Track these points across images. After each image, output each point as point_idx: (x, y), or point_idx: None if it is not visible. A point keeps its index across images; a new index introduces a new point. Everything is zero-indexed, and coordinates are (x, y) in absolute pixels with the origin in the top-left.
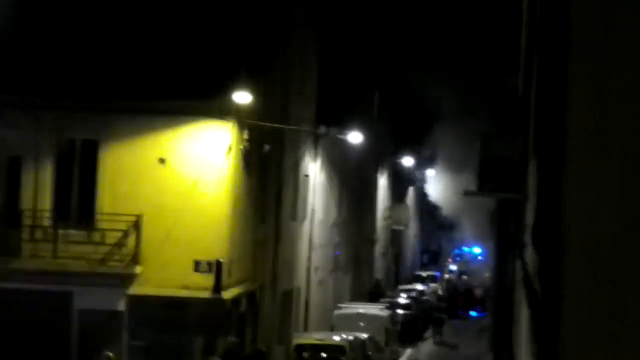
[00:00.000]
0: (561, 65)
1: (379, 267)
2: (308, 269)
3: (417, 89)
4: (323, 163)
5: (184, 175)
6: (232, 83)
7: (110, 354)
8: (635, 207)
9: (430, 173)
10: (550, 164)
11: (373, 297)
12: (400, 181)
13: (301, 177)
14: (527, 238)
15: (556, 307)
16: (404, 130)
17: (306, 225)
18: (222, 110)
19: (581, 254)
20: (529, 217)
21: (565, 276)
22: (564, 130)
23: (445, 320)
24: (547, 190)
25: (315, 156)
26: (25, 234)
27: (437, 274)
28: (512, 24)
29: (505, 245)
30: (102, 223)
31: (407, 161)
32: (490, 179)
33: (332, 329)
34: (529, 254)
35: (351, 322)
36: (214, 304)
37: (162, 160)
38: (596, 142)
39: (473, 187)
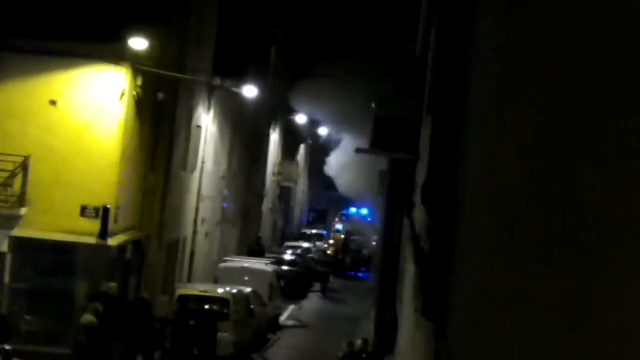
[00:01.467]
0: (463, 25)
1: (267, 223)
2: (195, 220)
3: (315, 47)
4: (216, 115)
5: (75, 118)
6: (128, 28)
7: None
8: (531, 163)
9: (322, 131)
10: (445, 123)
11: (254, 254)
12: (292, 138)
13: (193, 128)
14: (417, 197)
15: (444, 262)
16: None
17: (195, 176)
18: (116, 54)
19: (472, 210)
20: (420, 177)
21: (455, 233)
22: (461, 90)
23: (331, 279)
24: (440, 148)
25: (209, 107)
26: None
27: (324, 232)
28: None
29: (393, 205)
30: None
31: (300, 118)
32: (384, 138)
33: (216, 281)
34: (418, 213)
35: (236, 275)
36: (99, 250)
37: (53, 102)
38: (493, 101)
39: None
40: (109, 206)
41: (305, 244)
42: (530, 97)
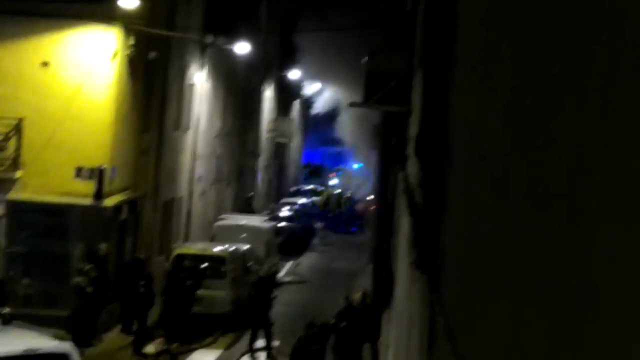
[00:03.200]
0: None
1: (262, 180)
2: (190, 180)
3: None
4: (209, 73)
5: (68, 80)
6: None
7: None
8: (519, 115)
9: (316, 87)
10: (435, 76)
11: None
12: (286, 94)
13: (186, 87)
14: (410, 150)
15: (437, 215)
16: (291, 43)
17: (190, 135)
18: (107, 14)
19: (462, 162)
20: (413, 130)
21: (447, 185)
22: (451, 42)
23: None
24: (431, 101)
25: (202, 65)
26: None
27: (319, 188)
28: None
29: (387, 159)
30: None
31: (294, 74)
32: (376, 92)
33: (213, 239)
34: (411, 166)
35: (232, 233)
36: (95, 211)
37: (45, 64)
38: (483, 54)
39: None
40: (103, 167)
41: (302, 200)
42: (514, 51)
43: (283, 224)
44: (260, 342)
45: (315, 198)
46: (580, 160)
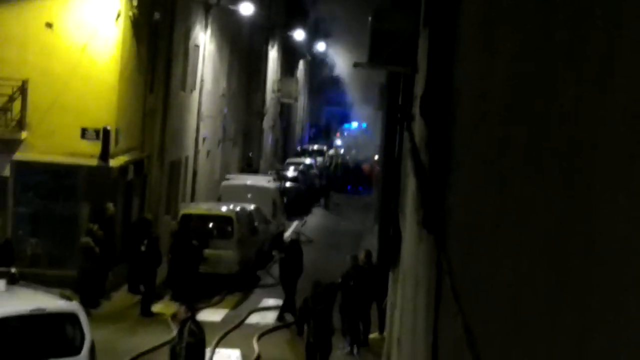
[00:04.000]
0: None
1: (267, 140)
2: (196, 140)
3: None
4: (213, 34)
5: (72, 41)
6: None
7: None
8: (524, 76)
9: (321, 47)
10: (441, 35)
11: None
12: (291, 55)
13: (191, 47)
14: (416, 110)
15: (443, 175)
16: (296, 3)
17: (195, 96)
18: None
19: (469, 121)
20: (418, 90)
21: (453, 144)
22: (457, 1)
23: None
24: (436, 62)
25: (206, 26)
26: None
27: (325, 148)
28: None
29: (393, 119)
30: None
31: (299, 34)
32: (381, 52)
33: (220, 199)
34: (417, 126)
35: (238, 193)
36: (101, 171)
37: (49, 25)
38: (487, 15)
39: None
40: (109, 128)
41: (307, 160)
42: (519, 12)
43: (289, 184)
44: (272, 301)
45: (320, 158)
46: (579, 122)
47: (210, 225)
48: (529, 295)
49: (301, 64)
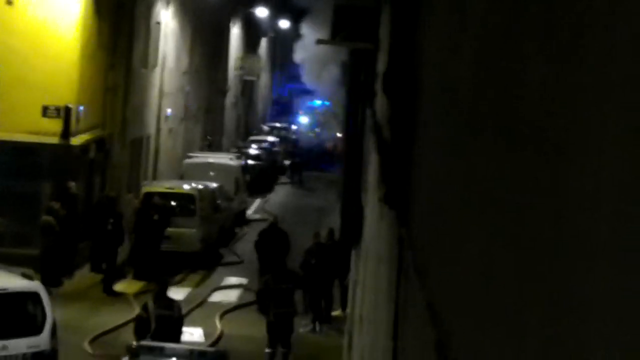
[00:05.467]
0: None
1: (230, 117)
2: (158, 117)
3: None
4: (175, 11)
5: (33, 18)
6: None
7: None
8: (488, 51)
9: (283, 24)
10: (403, 10)
11: None
12: (254, 32)
13: (153, 25)
14: (378, 86)
15: (406, 151)
16: None
17: (157, 73)
18: None
19: (432, 98)
20: (381, 66)
21: (416, 121)
22: None
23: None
24: (399, 38)
25: (168, 3)
26: None
27: (288, 126)
28: None
29: (356, 96)
30: None
31: (261, 11)
32: (344, 28)
33: (182, 177)
34: (379, 102)
35: (201, 171)
36: (63, 149)
37: (9, 2)
38: None
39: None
40: (70, 105)
41: (270, 138)
42: None
43: (252, 161)
44: (234, 279)
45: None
46: (548, 98)
47: (173, 203)
48: (495, 270)
49: (264, 41)
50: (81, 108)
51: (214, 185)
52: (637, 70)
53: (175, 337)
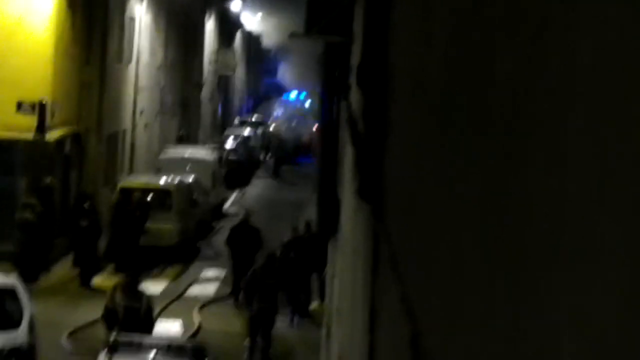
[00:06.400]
0: None
1: (206, 112)
2: (134, 112)
3: None
4: (149, 5)
5: (7, 12)
6: None
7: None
8: (458, 47)
9: (258, 17)
10: (376, 3)
11: None
12: (228, 26)
13: (127, 20)
14: (352, 80)
15: (380, 144)
16: None
17: (132, 68)
18: None
19: (403, 91)
20: (355, 59)
21: (389, 114)
22: None
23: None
24: (372, 31)
25: None
26: None
27: (265, 119)
28: None
29: (330, 89)
30: None
31: (235, 5)
32: (318, 22)
33: (158, 172)
34: (354, 96)
35: (177, 165)
36: (38, 145)
37: None
38: None
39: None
40: (45, 101)
41: (246, 132)
42: None
43: (228, 155)
44: (212, 273)
45: (259, 129)
46: (515, 94)
47: (150, 197)
48: (466, 261)
49: (239, 35)
50: (56, 103)
51: (191, 179)
52: (601, 72)
53: (144, 329)
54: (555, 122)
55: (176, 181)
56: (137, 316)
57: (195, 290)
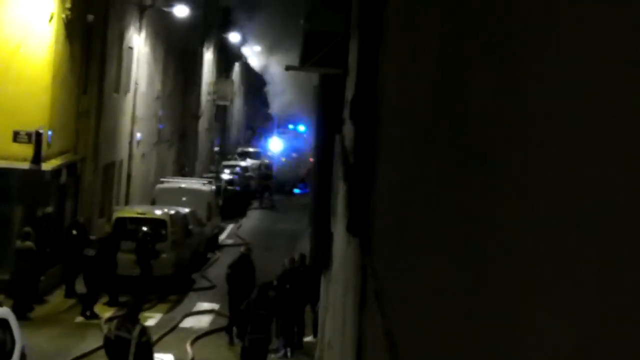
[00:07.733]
0: None
1: (203, 142)
2: (131, 142)
3: None
4: (148, 35)
5: (5, 41)
6: None
7: None
8: (443, 85)
9: (256, 49)
10: (370, 37)
11: None
12: (226, 57)
13: (125, 50)
14: (346, 113)
15: (369, 179)
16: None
17: (129, 98)
18: None
19: (391, 127)
20: (349, 93)
21: (378, 149)
22: (383, 4)
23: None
24: (366, 65)
25: (140, 28)
26: None
27: (262, 150)
28: None
29: (326, 122)
30: None
31: (234, 37)
32: (314, 54)
33: (154, 202)
34: (347, 129)
35: (173, 196)
36: (34, 174)
37: None
38: (410, 19)
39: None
40: (41, 130)
41: (243, 163)
42: (440, 9)
43: (225, 186)
44: (206, 305)
45: (254, 161)
46: (495, 125)
47: (145, 228)
48: (446, 299)
49: (237, 66)
50: (52, 133)
51: (186, 210)
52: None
53: None
54: (530, 156)
55: (171, 212)
56: (126, 347)
57: (189, 322)
